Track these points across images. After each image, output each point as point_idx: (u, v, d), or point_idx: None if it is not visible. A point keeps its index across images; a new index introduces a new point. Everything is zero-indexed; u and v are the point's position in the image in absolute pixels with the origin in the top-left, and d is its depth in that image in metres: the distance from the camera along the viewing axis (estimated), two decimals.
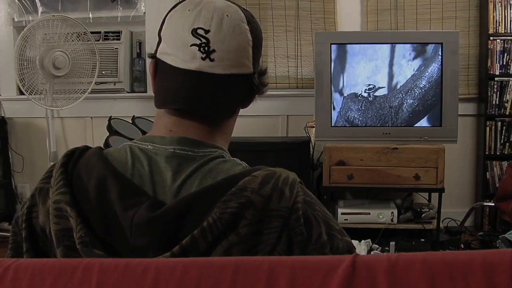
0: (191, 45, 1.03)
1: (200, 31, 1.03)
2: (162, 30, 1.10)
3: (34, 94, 3.80)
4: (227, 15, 1.05)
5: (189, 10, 1.06)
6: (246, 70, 1.08)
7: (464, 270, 0.72)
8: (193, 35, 1.03)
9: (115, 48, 4.38)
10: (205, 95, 1.05)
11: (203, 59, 1.03)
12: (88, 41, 3.94)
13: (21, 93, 4.45)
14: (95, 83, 3.97)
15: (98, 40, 4.27)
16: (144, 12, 4.36)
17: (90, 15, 4.41)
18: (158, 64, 1.09)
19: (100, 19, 4.43)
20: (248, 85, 1.10)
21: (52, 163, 3.57)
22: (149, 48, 4.39)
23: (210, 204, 0.92)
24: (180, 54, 1.04)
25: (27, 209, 1.05)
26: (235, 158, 1.08)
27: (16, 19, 4.44)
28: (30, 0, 4.40)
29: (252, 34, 1.08)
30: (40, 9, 4.42)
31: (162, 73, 1.08)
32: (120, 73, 4.38)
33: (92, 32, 3.96)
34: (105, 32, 4.40)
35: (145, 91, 4.46)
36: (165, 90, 1.07)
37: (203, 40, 1.03)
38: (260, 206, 0.91)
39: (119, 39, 4.39)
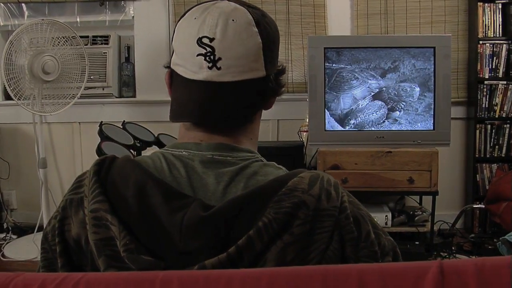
0: (197, 55, 1.02)
1: (205, 40, 1.02)
2: (173, 40, 1.09)
3: (23, 100, 3.72)
4: (233, 20, 1.03)
5: (195, 18, 1.05)
6: (258, 74, 1.06)
7: None
8: (198, 44, 1.02)
9: (104, 53, 4.32)
10: (215, 105, 1.04)
11: (209, 68, 1.02)
12: (77, 45, 3.89)
13: (7, 98, 4.37)
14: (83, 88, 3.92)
15: (86, 45, 4.20)
16: (133, 16, 4.31)
17: (78, 19, 4.35)
18: (173, 75, 1.09)
19: (88, 23, 4.38)
20: (262, 89, 1.08)
21: (41, 169, 3.46)
22: (138, 52, 4.35)
23: (261, 204, 0.91)
24: (188, 65, 1.04)
25: (59, 222, 1.01)
26: (273, 162, 1.08)
27: (1, 23, 4.37)
28: (16, 4, 4.32)
29: (262, 36, 1.06)
30: (26, 13, 4.34)
31: (175, 85, 1.09)
32: (109, 78, 4.33)
33: (80, 37, 3.90)
34: (93, 36, 4.34)
35: (134, 96, 4.42)
36: (177, 103, 1.07)
37: (208, 49, 1.02)
38: (312, 206, 0.91)
39: (107, 44, 4.33)
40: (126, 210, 0.94)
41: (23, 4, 4.33)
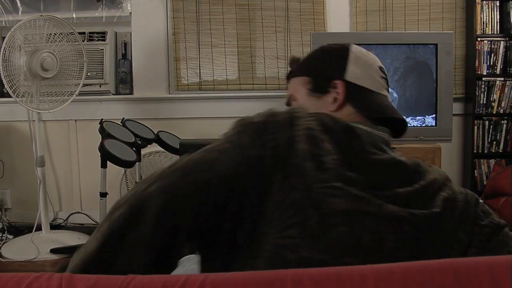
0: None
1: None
2: None
3: (21, 97, 3.65)
4: None
5: None
6: None
7: None
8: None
9: (100, 49, 4.26)
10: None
11: None
12: (75, 41, 3.82)
13: (0, 96, 4.29)
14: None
15: (83, 41, 4.13)
16: (130, 12, 4.26)
17: (74, 15, 4.28)
18: None
19: (84, 20, 4.31)
20: None
21: (39, 168, 3.34)
22: (135, 49, 4.30)
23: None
24: None
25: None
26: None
27: None
28: (10, 0, 4.24)
29: None
30: (20, 9, 4.26)
31: None
32: (106, 75, 4.27)
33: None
34: (90, 32, 4.28)
35: (131, 93, 4.36)
36: None
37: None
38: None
39: (104, 40, 4.27)
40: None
41: (17, 0, 4.25)
